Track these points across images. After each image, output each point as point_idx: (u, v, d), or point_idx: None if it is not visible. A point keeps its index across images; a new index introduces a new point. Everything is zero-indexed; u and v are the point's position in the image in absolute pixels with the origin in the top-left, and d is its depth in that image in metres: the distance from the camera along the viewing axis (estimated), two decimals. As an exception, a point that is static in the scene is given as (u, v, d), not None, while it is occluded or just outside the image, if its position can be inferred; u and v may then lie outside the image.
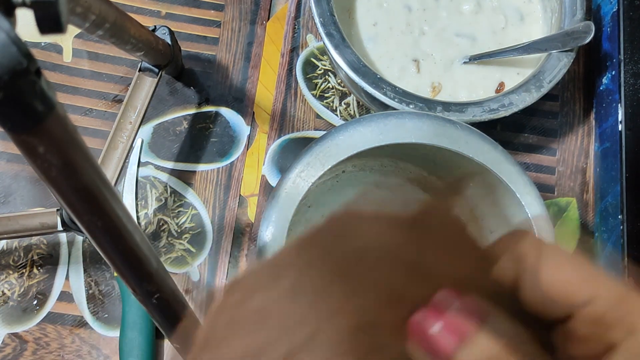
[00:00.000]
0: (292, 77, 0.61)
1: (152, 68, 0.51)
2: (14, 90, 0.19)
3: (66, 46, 0.60)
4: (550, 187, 0.59)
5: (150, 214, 0.56)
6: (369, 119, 0.44)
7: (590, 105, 0.62)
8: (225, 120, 0.59)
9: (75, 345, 0.52)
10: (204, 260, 0.55)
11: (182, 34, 0.61)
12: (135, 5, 0.61)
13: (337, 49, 0.51)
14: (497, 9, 0.60)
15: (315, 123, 0.59)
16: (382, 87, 0.51)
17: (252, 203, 0.57)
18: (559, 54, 0.53)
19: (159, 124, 0.58)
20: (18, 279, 0.53)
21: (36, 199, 0.55)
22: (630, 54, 0.56)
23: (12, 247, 0.54)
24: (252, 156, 0.58)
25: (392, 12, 0.59)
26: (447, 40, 0.58)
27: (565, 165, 0.60)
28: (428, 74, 0.57)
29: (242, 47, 0.61)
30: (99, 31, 0.40)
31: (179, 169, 0.57)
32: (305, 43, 0.62)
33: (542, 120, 0.61)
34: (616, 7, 0.58)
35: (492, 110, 0.51)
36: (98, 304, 0.53)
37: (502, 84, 0.57)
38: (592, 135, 0.61)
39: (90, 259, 0.54)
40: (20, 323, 0.52)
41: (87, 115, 0.58)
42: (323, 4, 0.53)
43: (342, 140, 0.43)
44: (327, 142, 0.43)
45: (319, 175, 0.43)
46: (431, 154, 0.46)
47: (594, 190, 0.59)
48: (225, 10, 0.62)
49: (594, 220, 0.58)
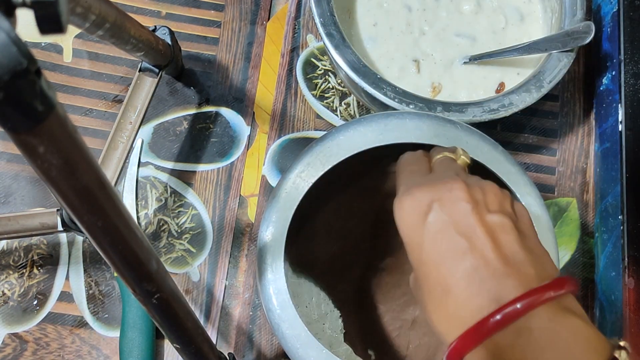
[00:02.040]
0: (292, 77, 0.61)
1: (152, 68, 0.51)
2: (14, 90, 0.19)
3: (66, 46, 0.60)
4: (550, 187, 0.59)
5: (151, 214, 0.56)
6: (369, 119, 0.44)
7: (590, 105, 0.62)
8: (225, 120, 0.59)
9: (76, 346, 0.52)
10: (204, 261, 0.55)
11: (182, 34, 0.61)
12: (135, 6, 0.61)
13: (337, 49, 0.51)
14: (497, 9, 0.60)
15: (316, 123, 0.59)
16: (382, 87, 0.51)
17: (252, 203, 0.57)
18: (559, 54, 0.53)
19: (159, 124, 0.58)
20: (18, 279, 0.53)
21: (36, 199, 0.55)
22: (631, 54, 0.56)
23: (12, 247, 0.54)
24: (252, 156, 0.58)
25: (392, 12, 0.59)
26: (447, 40, 0.58)
27: (566, 165, 0.60)
28: (428, 74, 0.57)
29: (242, 47, 0.61)
30: (99, 31, 0.40)
31: (179, 169, 0.57)
32: (306, 43, 0.62)
33: (542, 120, 0.61)
34: (616, 7, 0.58)
35: (492, 110, 0.51)
36: (98, 304, 0.53)
37: (502, 84, 0.57)
38: (592, 135, 0.61)
39: (90, 259, 0.54)
40: (20, 323, 0.52)
41: (87, 115, 0.58)
42: (323, 4, 0.53)
43: (343, 140, 0.43)
44: (327, 142, 0.43)
45: (319, 175, 0.43)
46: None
47: (594, 191, 0.59)
48: (226, 10, 0.62)
49: (594, 221, 0.58)
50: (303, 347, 0.39)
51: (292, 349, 0.40)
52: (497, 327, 0.28)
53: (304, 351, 0.39)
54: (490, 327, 0.28)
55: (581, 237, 0.58)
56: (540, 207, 0.43)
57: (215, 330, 0.53)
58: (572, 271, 0.57)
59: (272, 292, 0.41)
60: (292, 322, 0.40)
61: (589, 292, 0.56)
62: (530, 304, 0.28)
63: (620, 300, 0.51)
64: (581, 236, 0.58)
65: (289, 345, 0.40)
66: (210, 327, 0.53)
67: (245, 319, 0.54)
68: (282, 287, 0.41)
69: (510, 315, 0.28)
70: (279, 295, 0.41)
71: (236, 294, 0.55)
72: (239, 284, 0.55)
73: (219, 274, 0.55)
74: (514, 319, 0.28)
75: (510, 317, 0.28)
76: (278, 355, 0.53)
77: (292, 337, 0.40)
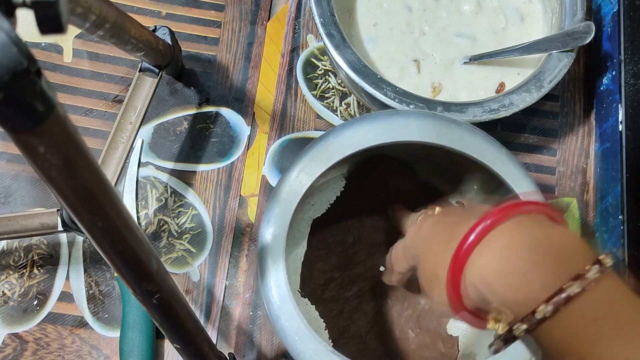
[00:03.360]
0: (292, 78, 0.61)
1: (153, 68, 0.51)
2: (14, 91, 0.19)
3: (66, 46, 0.60)
4: (550, 187, 0.59)
5: (151, 214, 0.56)
6: (374, 116, 0.44)
7: (590, 105, 0.62)
8: (225, 120, 0.59)
9: (76, 346, 0.52)
10: (204, 261, 0.55)
11: (183, 34, 0.61)
12: (135, 6, 0.61)
13: (337, 49, 0.51)
14: (498, 9, 0.60)
15: (316, 123, 0.59)
16: (383, 88, 0.51)
17: (252, 203, 0.57)
18: (559, 54, 0.53)
19: (159, 124, 0.58)
20: (18, 279, 0.53)
21: (36, 199, 0.55)
22: (631, 54, 0.56)
23: (13, 247, 0.54)
24: (253, 156, 0.58)
25: (392, 13, 0.59)
26: (447, 41, 0.58)
27: (566, 165, 0.60)
28: (428, 74, 0.57)
29: (243, 47, 0.61)
30: (99, 31, 0.40)
31: (179, 169, 0.57)
32: (306, 43, 0.62)
33: (543, 120, 0.61)
34: (616, 7, 0.58)
35: (492, 110, 0.51)
36: (98, 304, 0.53)
37: (502, 84, 0.57)
38: (593, 135, 0.61)
39: (90, 259, 0.54)
40: (20, 323, 0.52)
41: (87, 115, 0.58)
42: (323, 5, 0.53)
43: (347, 137, 0.43)
44: (331, 138, 0.43)
45: (322, 171, 0.42)
46: (435, 154, 0.46)
47: (594, 191, 0.59)
48: (226, 10, 0.62)
49: (595, 221, 0.58)
50: (301, 340, 0.40)
51: (291, 341, 0.40)
52: (475, 240, 0.32)
53: (302, 344, 0.39)
54: (485, 227, 0.32)
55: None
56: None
57: (215, 330, 0.53)
58: (573, 271, 0.57)
59: (272, 285, 0.41)
60: (291, 315, 0.40)
61: (589, 292, 0.56)
62: (499, 217, 0.32)
63: (620, 301, 0.51)
64: (581, 236, 0.58)
65: (287, 337, 0.40)
66: (210, 327, 0.53)
67: (245, 319, 0.54)
68: (282, 280, 0.41)
69: (481, 231, 0.32)
70: (279, 288, 0.41)
71: (236, 294, 0.55)
72: (239, 284, 0.55)
73: (219, 274, 0.55)
74: (486, 232, 0.31)
75: (482, 232, 0.32)
76: (278, 355, 0.53)
77: (291, 330, 0.40)
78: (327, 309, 0.50)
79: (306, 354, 0.39)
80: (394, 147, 0.43)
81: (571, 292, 0.28)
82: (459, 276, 0.32)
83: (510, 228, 0.32)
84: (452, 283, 0.33)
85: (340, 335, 0.50)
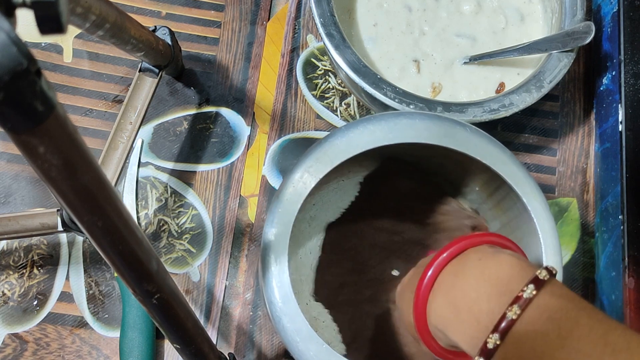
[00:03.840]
0: (292, 78, 0.61)
1: (153, 68, 0.51)
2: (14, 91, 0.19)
3: (66, 46, 0.60)
4: (550, 188, 0.59)
5: (151, 215, 0.56)
6: (379, 117, 0.44)
7: (590, 105, 0.62)
8: (225, 120, 0.59)
9: (76, 346, 0.52)
10: (204, 261, 0.55)
11: (183, 34, 0.61)
12: (135, 6, 0.61)
13: (337, 49, 0.51)
14: (497, 9, 0.60)
15: (316, 123, 0.59)
16: (383, 88, 0.51)
17: (252, 203, 0.57)
18: (559, 54, 0.53)
19: (159, 124, 0.58)
20: (18, 279, 0.53)
21: (36, 199, 0.55)
22: (631, 54, 0.56)
23: (13, 247, 0.54)
24: (253, 156, 0.58)
25: (392, 13, 0.59)
26: (447, 41, 0.58)
27: (566, 165, 0.60)
28: (428, 74, 0.57)
29: (243, 47, 0.61)
30: (99, 31, 0.40)
31: (179, 169, 0.57)
32: (306, 43, 0.62)
33: (543, 120, 0.61)
34: (616, 7, 0.58)
35: (492, 110, 0.51)
36: (98, 304, 0.53)
37: (502, 84, 0.57)
38: (593, 135, 0.61)
39: (90, 259, 0.54)
40: (20, 323, 0.52)
41: (87, 115, 0.58)
42: (323, 5, 0.53)
43: (352, 138, 0.43)
44: (336, 139, 0.43)
45: (327, 171, 0.42)
46: (438, 155, 0.46)
47: (594, 191, 0.59)
48: (226, 10, 0.62)
49: (595, 221, 0.58)
50: (303, 341, 0.39)
51: (292, 342, 0.40)
52: (436, 271, 0.36)
53: (304, 345, 0.39)
54: (433, 272, 0.37)
55: (581, 237, 0.58)
56: (545, 211, 0.43)
57: (215, 330, 0.53)
58: (573, 271, 0.57)
59: (274, 285, 0.41)
60: (294, 316, 0.40)
61: (589, 292, 0.56)
62: (456, 249, 0.37)
63: (620, 300, 0.51)
64: (581, 236, 0.58)
65: (289, 338, 0.40)
66: (210, 327, 0.53)
67: (245, 319, 0.54)
68: (285, 280, 0.41)
69: (441, 261, 0.37)
70: (282, 289, 0.41)
71: (236, 294, 0.55)
72: (239, 284, 0.55)
73: (219, 274, 0.55)
74: (446, 261, 0.37)
75: (442, 262, 0.37)
76: (279, 355, 0.53)
77: (293, 331, 0.40)
78: (340, 312, 0.50)
79: (308, 355, 0.39)
80: (399, 148, 0.43)
81: (513, 316, 0.29)
82: (425, 323, 0.36)
83: (455, 267, 0.36)
84: (422, 332, 0.36)
85: (353, 339, 0.50)
